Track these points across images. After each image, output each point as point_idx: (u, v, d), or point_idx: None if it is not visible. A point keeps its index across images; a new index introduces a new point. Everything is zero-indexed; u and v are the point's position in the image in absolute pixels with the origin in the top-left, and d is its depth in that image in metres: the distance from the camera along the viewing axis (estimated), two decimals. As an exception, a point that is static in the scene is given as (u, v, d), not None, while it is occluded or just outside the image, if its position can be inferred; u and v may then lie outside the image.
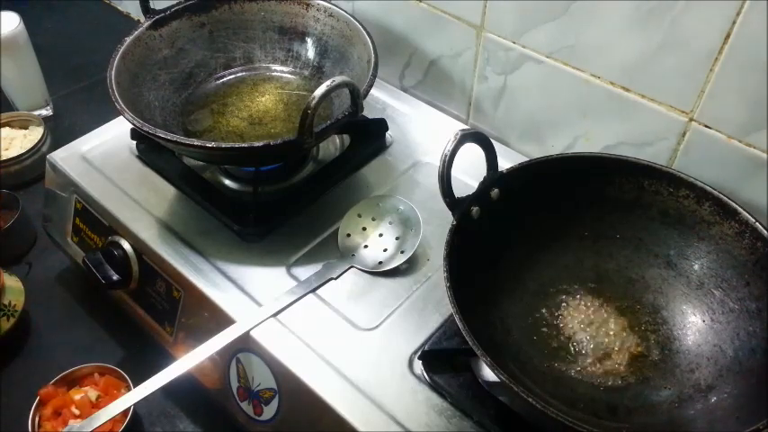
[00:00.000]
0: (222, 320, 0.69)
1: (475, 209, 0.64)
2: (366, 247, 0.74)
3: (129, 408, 0.73)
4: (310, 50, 0.90)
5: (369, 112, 0.89)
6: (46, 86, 1.18)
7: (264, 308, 0.68)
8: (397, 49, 0.96)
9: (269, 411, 0.67)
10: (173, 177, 0.83)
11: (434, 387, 0.63)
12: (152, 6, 0.85)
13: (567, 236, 0.70)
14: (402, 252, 0.73)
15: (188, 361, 0.64)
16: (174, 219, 0.78)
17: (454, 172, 0.60)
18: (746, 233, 0.62)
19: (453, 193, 0.61)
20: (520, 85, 0.85)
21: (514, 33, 0.81)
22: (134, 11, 1.42)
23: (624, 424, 0.60)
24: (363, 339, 0.67)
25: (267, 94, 0.89)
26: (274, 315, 0.68)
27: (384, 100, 0.94)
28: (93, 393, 0.75)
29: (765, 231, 0.60)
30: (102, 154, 0.87)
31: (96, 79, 1.22)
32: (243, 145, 0.71)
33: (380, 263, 0.73)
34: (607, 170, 0.68)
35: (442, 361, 0.64)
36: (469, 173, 0.68)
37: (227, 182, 0.84)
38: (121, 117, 0.72)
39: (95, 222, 0.82)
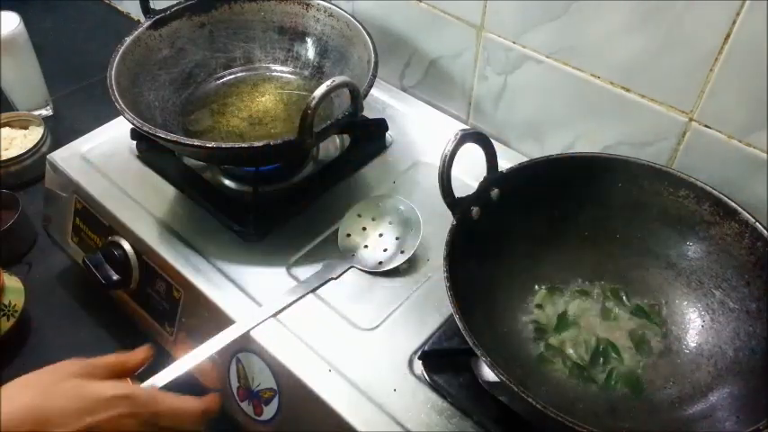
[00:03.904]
0: (222, 320, 0.69)
1: (475, 209, 0.64)
2: (366, 247, 0.74)
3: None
4: (310, 50, 0.90)
5: (369, 112, 0.89)
6: (46, 86, 1.18)
7: (264, 308, 0.68)
8: (397, 49, 0.96)
9: (269, 411, 0.67)
10: (173, 177, 0.83)
11: (434, 387, 0.63)
12: (152, 6, 0.85)
13: (566, 236, 0.70)
14: (402, 252, 0.73)
15: (188, 361, 0.64)
16: (174, 219, 0.78)
17: (454, 172, 0.60)
18: (746, 233, 0.62)
19: (453, 193, 0.61)
20: (520, 85, 0.85)
21: (514, 33, 0.81)
22: (134, 11, 1.42)
23: (624, 424, 0.60)
24: (363, 339, 0.67)
25: (267, 94, 0.89)
26: (274, 315, 0.68)
27: (384, 100, 0.94)
28: (93, 393, 0.75)
29: (765, 231, 0.60)
30: (102, 154, 0.87)
31: (96, 79, 1.22)
32: (243, 145, 0.71)
33: (380, 263, 0.73)
34: (607, 170, 0.68)
35: (441, 361, 0.64)
36: (469, 173, 0.68)
37: (227, 182, 0.84)
38: (121, 117, 0.72)
39: (95, 222, 0.82)
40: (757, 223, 0.61)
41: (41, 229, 0.95)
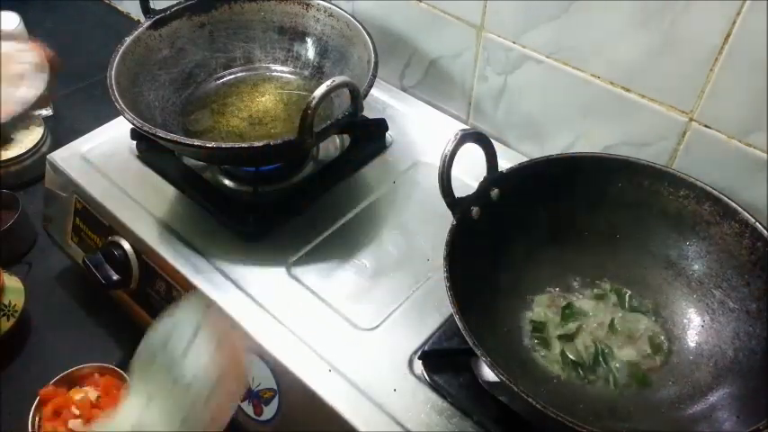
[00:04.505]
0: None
1: (475, 209, 0.64)
2: None
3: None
4: (310, 50, 0.90)
5: (369, 112, 0.89)
6: (46, 86, 1.18)
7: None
8: (397, 49, 0.96)
9: (269, 411, 0.67)
10: (173, 177, 0.83)
11: (434, 387, 0.63)
12: (152, 6, 0.85)
13: (566, 236, 0.70)
14: None
15: None
16: (174, 219, 0.78)
17: (454, 172, 0.60)
18: (746, 233, 0.62)
19: (453, 193, 0.61)
20: (520, 85, 0.85)
21: (514, 33, 0.81)
22: (134, 11, 1.42)
23: (624, 424, 0.60)
24: (363, 339, 0.67)
25: (267, 94, 0.89)
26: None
27: (384, 100, 0.94)
28: (93, 393, 0.75)
29: (765, 231, 0.60)
30: (102, 154, 0.87)
31: (96, 79, 1.22)
32: (243, 145, 0.71)
33: None
34: (607, 170, 0.68)
35: (441, 361, 0.64)
36: (469, 173, 0.68)
37: (227, 182, 0.84)
38: (121, 117, 0.72)
39: (95, 222, 0.82)
40: (757, 223, 0.61)
41: (41, 229, 0.95)
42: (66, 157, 0.87)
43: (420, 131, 0.89)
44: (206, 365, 0.51)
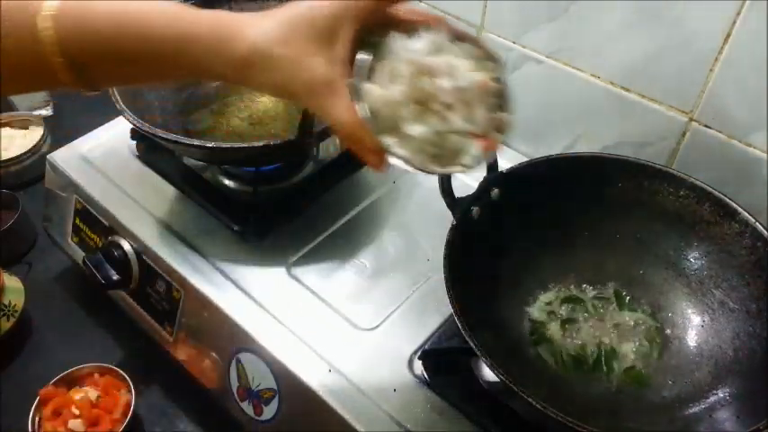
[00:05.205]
0: (222, 320, 0.69)
1: (475, 209, 0.64)
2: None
3: (129, 408, 0.73)
4: (310, 50, 0.90)
5: (369, 112, 0.89)
6: (46, 86, 1.18)
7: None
8: (397, 49, 0.96)
9: (269, 411, 0.67)
10: (173, 177, 0.83)
11: (434, 387, 0.63)
12: (152, 6, 0.85)
13: (566, 236, 0.70)
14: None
15: None
16: (174, 219, 0.78)
17: (454, 172, 0.60)
18: (746, 233, 0.62)
19: (453, 193, 0.61)
20: (520, 86, 0.84)
21: (514, 33, 0.81)
22: (134, 11, 1.41)
23: (624, 423, 0.60)
24: (363, 339, 0.67)
25: (267, 95, 0.89)
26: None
27: (384, 100, 0.94)
28: (93, 393, 0.75)
29: (765, 231, 0.60)
30: (103, 154, 0.87)
31: (96, 79, 1.22)
32: (243, 145, 0.71)
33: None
34: (607, 170, 0.68)
35: (441, 361, 0.64)
36: (469, 173, 0.68)
37: (227, 182, 0.83)
38: (121, 117, 0.72)
39: (95, 222, 0.82)
40: (757, 223, 0.61)
41: (41, 229, 0.95)
42: (66, 157, 0.87)
43: (420, 131, 0.89)
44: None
